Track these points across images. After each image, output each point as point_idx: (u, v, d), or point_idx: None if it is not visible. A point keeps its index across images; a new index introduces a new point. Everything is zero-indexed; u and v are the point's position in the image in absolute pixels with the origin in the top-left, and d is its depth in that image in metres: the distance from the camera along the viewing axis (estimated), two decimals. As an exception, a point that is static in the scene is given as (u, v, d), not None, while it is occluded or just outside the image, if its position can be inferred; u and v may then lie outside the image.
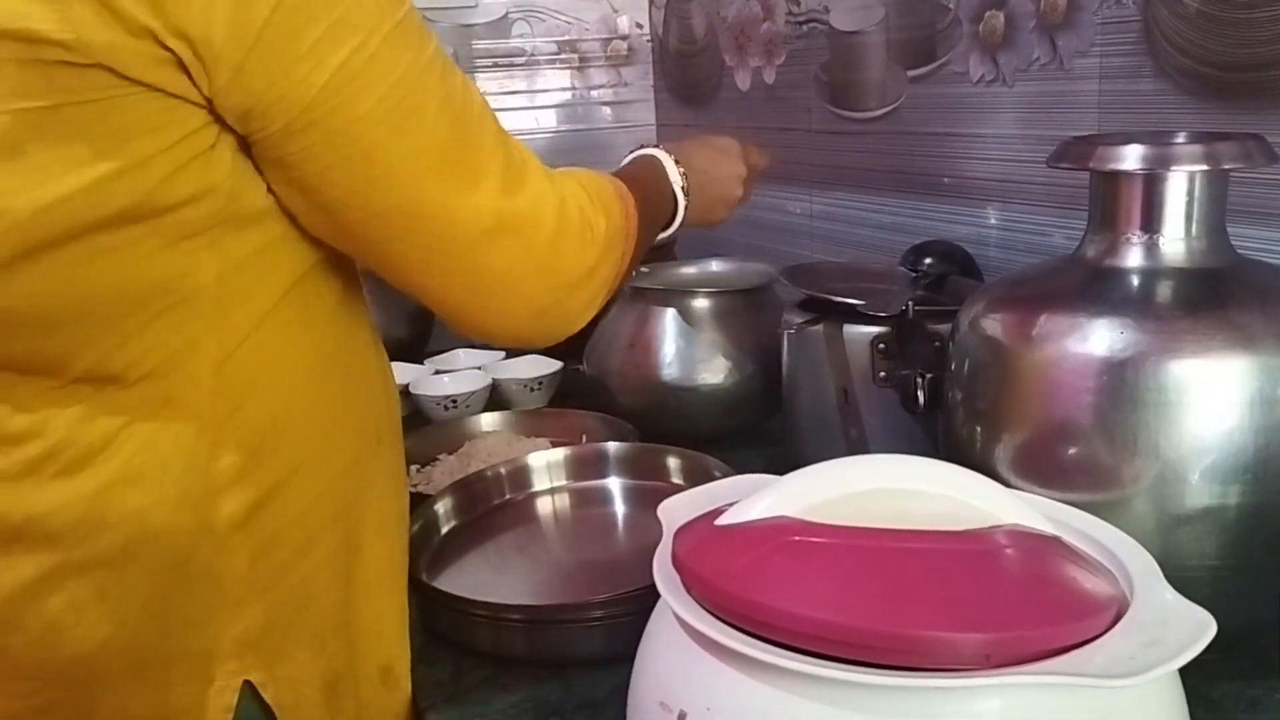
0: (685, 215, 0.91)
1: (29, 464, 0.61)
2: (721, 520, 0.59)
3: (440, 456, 1.16)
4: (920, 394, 0.81)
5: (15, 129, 0.53)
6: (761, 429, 1.21)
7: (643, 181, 0.85)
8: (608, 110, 1.89)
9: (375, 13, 0.59)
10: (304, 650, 0.68)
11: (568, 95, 1.86)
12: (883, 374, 0.95)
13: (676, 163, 0.91)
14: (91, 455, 0.61)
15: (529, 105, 1.85)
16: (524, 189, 0.67)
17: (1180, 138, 0.72)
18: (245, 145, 0.60)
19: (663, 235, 0.91)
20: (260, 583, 0.65)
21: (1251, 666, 0.71)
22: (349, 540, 0.71)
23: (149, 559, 0.62)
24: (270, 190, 0.62)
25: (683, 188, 0.90)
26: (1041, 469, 0.70)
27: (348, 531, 0.71)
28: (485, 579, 0.88)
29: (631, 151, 0.94)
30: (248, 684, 0.66)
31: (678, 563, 0.57)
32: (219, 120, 0.58)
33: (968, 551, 0.54)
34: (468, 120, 0.65)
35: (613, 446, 1.05)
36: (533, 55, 1.82)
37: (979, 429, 0.75)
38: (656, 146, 0.92)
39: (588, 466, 1.04)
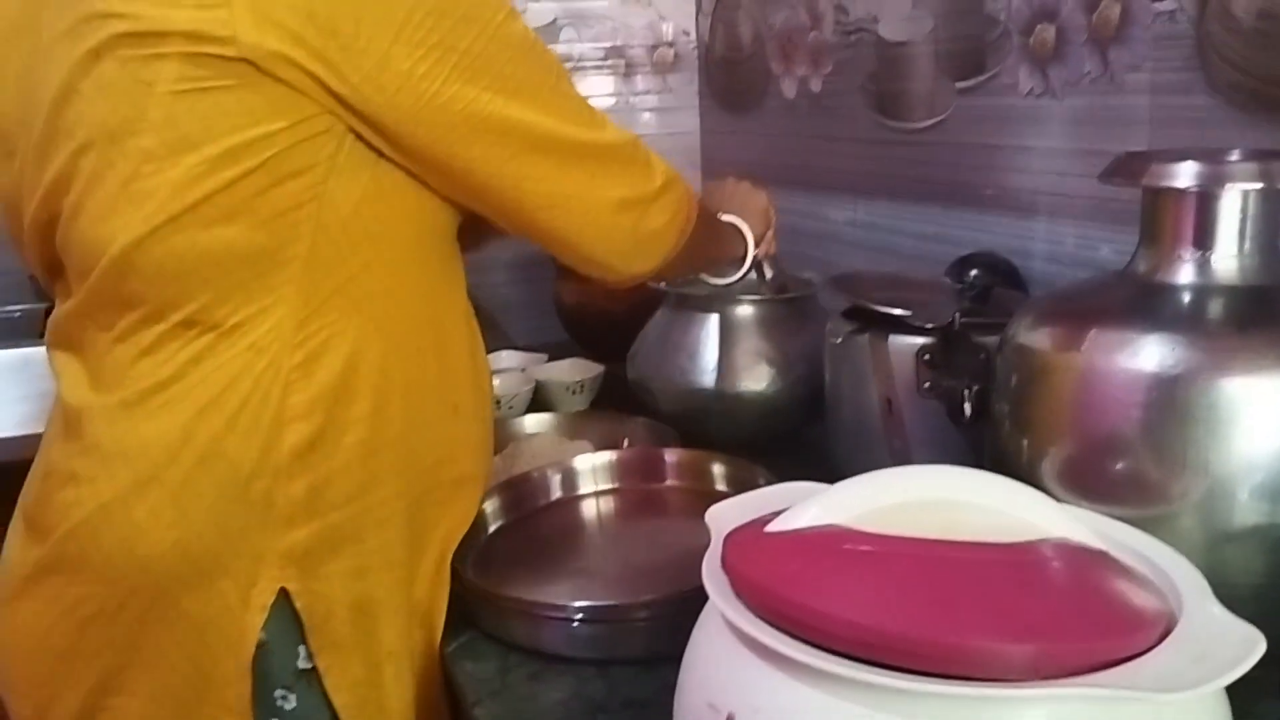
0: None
1: (142, 394, 0.74)
2: (771, 527, 0.60)
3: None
4: (967, 405, 0.82)
5: (174, 106, 0.68)
6: (802, 437, 1.22)
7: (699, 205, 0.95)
8: (652, 116, 1.90)
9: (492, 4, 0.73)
10: (342, 575, 0.77)
11: (612, 101, 1.87)
12: (927, 384, 0.95)
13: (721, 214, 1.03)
14: (190, 388, 0.73)
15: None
16: (606, 128, 0.80)
17: (1234, 155, 0.72)
18: (357, 133, 0.72)
19: (743, 271, 1.08)
20: (314, 509, 0.75)
21: (1297, 685, 0.71)
22: (412, 491, 0.80)
23: (218, 475, 0.74)
24: (390, 165, 0.75)
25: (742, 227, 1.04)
26: (1088, 483, 0.70)
27: (411, 484, 0.80)
28: (531, 578, 0.89)
29: None
30: (283, 590, 0.75)
31: (727, 567, 0.58)
32: (345, 106, 0.70)
33: (1016, 563, 0.55)
34: (560, 83, 0.78)
35: (658, 451, 1.06)
36: (579, 61, 1.84)
37: (1025, 441, 0.75)
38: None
39: (633, 470, 1.05)
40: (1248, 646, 0.49)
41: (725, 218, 1.03)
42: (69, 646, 0.77)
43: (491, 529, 0.97)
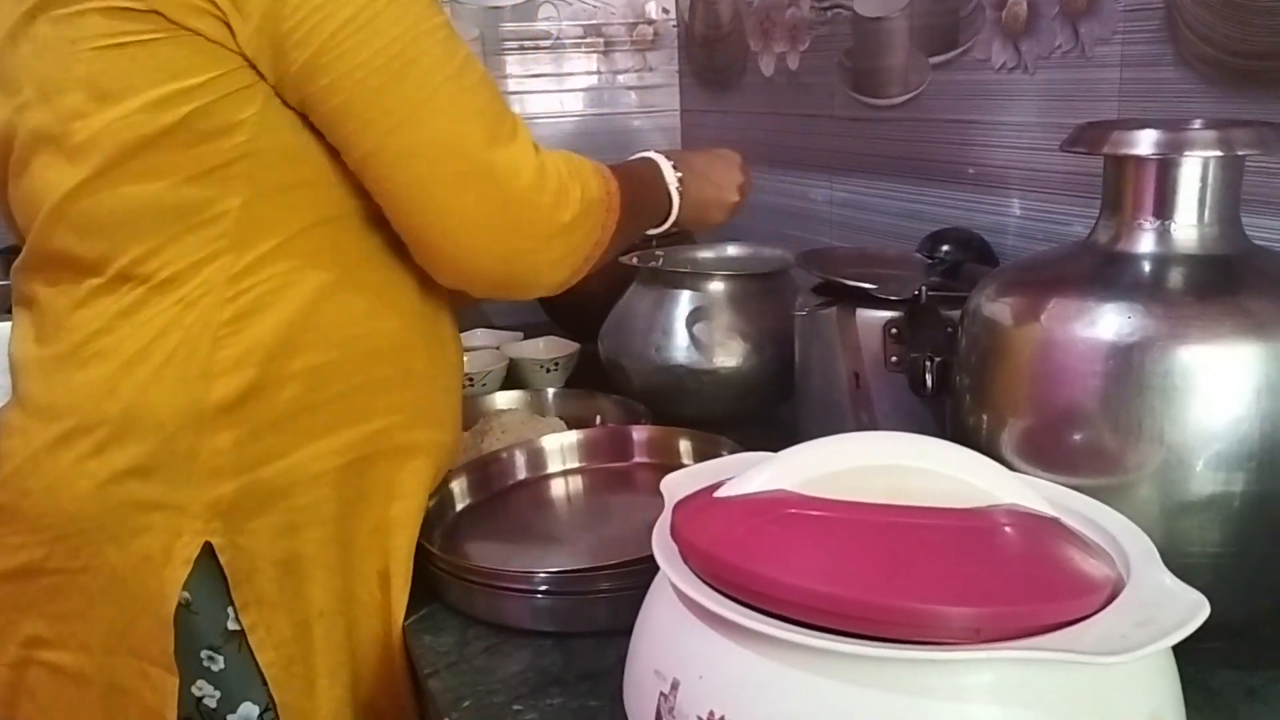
0: (679, 213, 0.98)
1: (74, 346, 0.75)
2: (720, 493, 0.60)
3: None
4: (928, 377, 0.81)
5: (96, 62, 0.70)
6: (776, 414, 1.21)
7: (634, 175, 0.93)
8: (633, 95, 1.89)
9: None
10: (269, 531, 0.77)
11: (593, 79, 1.86)
12: (894, 358, 0.95)
13: (674, 166, 0.98)
14: (119, 341, 0.74)
15: (554, 89, 1.85)
16: (508, 147, 0.76)
17: (1195, 123, 0.71)
18: (279, 92, 0.72)
19: (656, 230, 0.99)
20: (242, 463, 0.75)
21: (1252, 656, 0.71)
22: (352, 451, 0.79)
23: (143, 426, 0.74)
24: (312, 133, 0.74)
25: (677, 188, 0.97)
26: (1046, 453, 0.70)
27: (352, 444, 0.79)
28: (496, 553, 0.88)
29: (634, 156, 1.01)
30: (207, 544, 0.75)
31: (675, 533, 0.58)
32: (254, 66, 0.71)
33: (964, 528, 0.54)
34: (462, 81, 0.75)
35: (626, 429, 1.06)
36: (558, 39, 1.83)
37: (985, 413, 0.75)
38: (656, 151, 1.00)
39: (601, 449, 1.05)
40: (1192, 611, 0.48)
41: (669, 176, 0.97)
42: (2, 598, 0.78)
43: (459, 508, 0.96)
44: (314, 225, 0.77)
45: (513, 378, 1.39)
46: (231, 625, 0.77)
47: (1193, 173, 0.68)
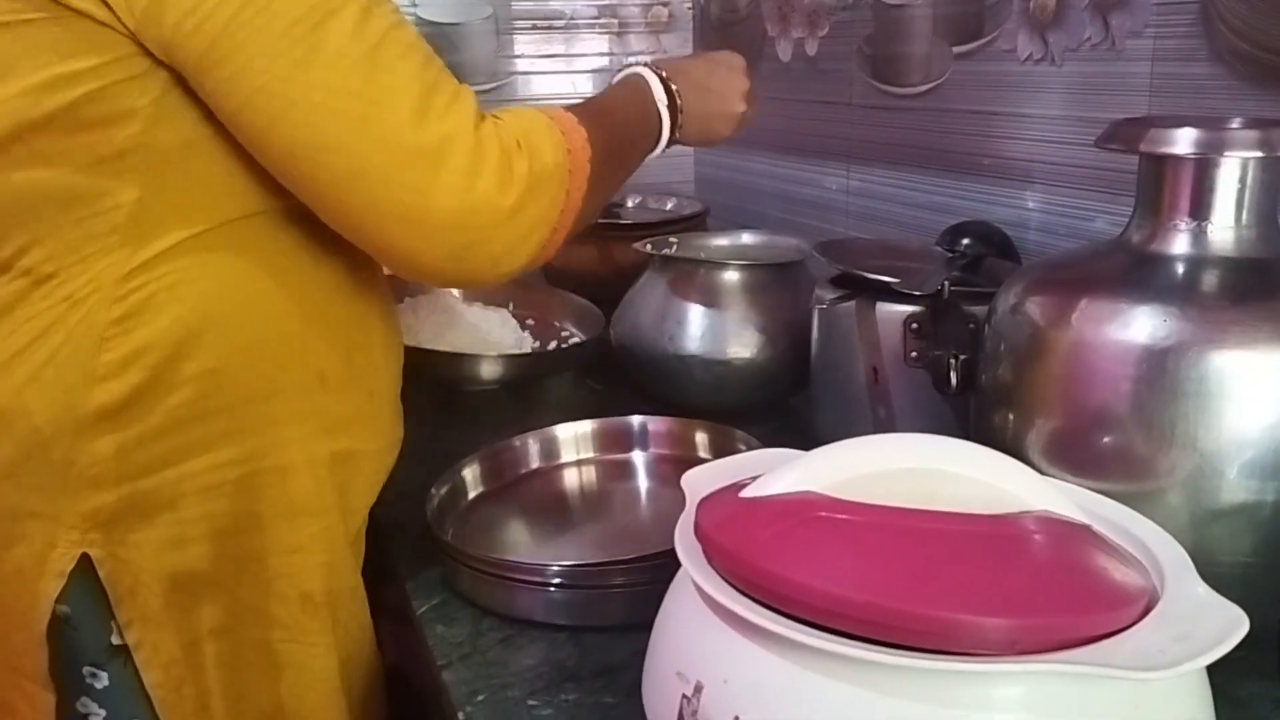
0: (680, 133, 0.90)
1: None
2: (746, 493, 0.59)
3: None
4: (953, 375, 0.80)
5: None
6: (789, 405, 1.20)
7: (612, 110, 0.85)
8: (646, 78, 1.87)
9: None
10: (155, 544, 0.72)
11: (605, 61, 1.84)
12: (914, 354, 0.93)
13: (664, 80, 0.89)
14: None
15: (566, 70, 1.83)
16: (438, 127, 0.68)
17: (1235, 123, 0.70)
18: (181, 81, 0.66)
19: (652, 155, 0.91)
20: (124, 471, 0.70)
21: (1280, 666, 0.70)
22: (255, 461, 0.74)
23: (18, 430, 0.70)
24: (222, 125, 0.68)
25: (668, 105, 0.89)
26: (1075, 456, 0.69)
27: (254, 453, 0.74)
28: (510, 543, 0.88)
29: (619, 71, 0.93)
30: (85, 556, 0.71)
31: (700, 533, 0.57)
32: (149, 53, 0.65)
33: (997, 535, 0.53)
34: (378, 60, 0.66)
35: (641, 420, 1.05)
36: (572, 19, 1.80)
37: (1012, 413, 0.73)
38: (645, 65, 0.91)
39: (616, 439, 1.04)
40: (1230, 626, 0.47)
41: (659, 93, 0.89)
42: None
43: (471, 495, 0.95)
44: (221, 223, 0.71)
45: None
46: (115, 640, 0.73)
47: (1231, 173, 0.67)
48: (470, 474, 0.95)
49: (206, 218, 0.70)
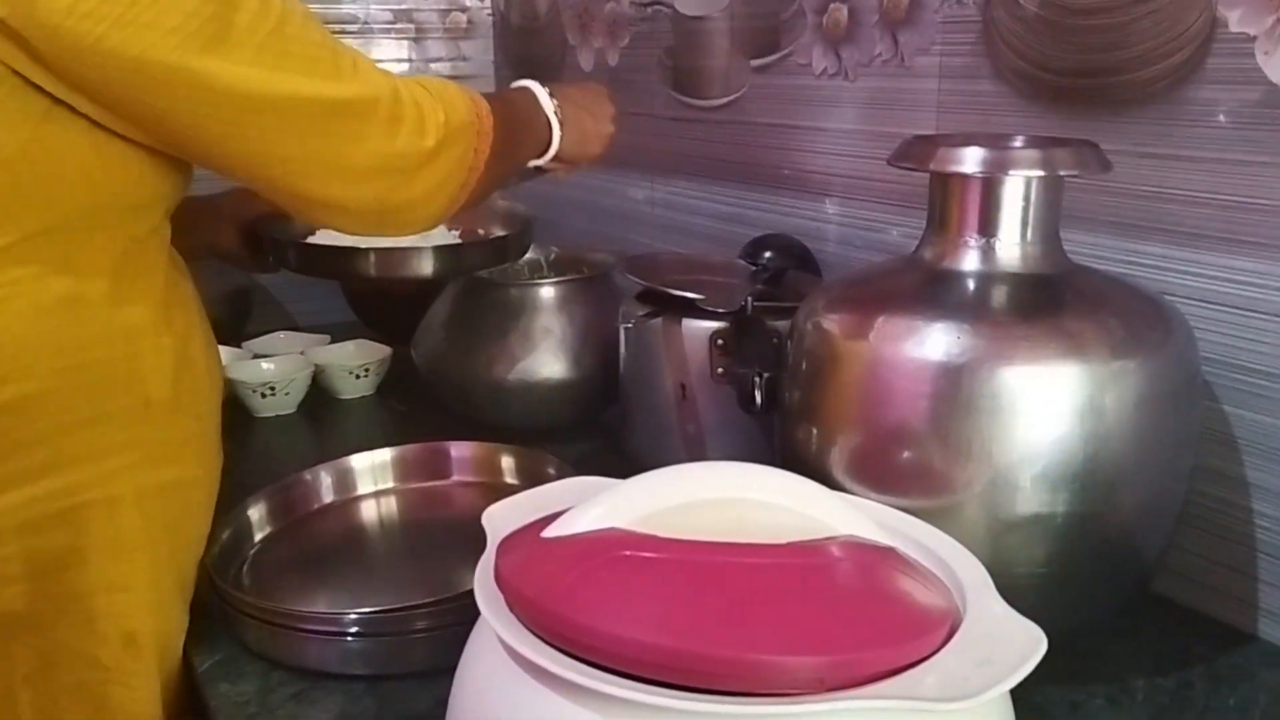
0: (562, 145, 0.93)
1: None
2: (549, 531, 0.56)
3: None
4: (757, 393, 0.79)
5: None
6: (601, 421, 1.18)
7: (510, 101, 0.89)
8: (447, 85, 1.81)
9: None
10: None
11: (404, 68, 1.78)
12: (720, 370, 0.93)
13: (550, 94, 0.93)
14: None
15: (363, 76, 1.76)
16: (354, 79, 0.70)
17: (1018, 142, 0.72)
18: (22, 75, 0.62)
19: (540, 161, 0.94)
20: None
21: (1074, 672, 0.72)
22: (72, 495, 0.69)
23: None
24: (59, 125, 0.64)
25: (556, 113, 0.92)
26: (876, 473, 0.69)
27: (77, 486, 0.70)
28: (301, 589, 0.81)
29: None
30: None
31: (500, 578, 0.53)
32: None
33: (803, 566, 0.52)
34: (285, 27, 0.67)
35: (444, 446, 1.00)
36: (366, 23, 1.73)
37: (815, 431, 0.73)
38: (530, 80, 0.94)
39: (417, 467, 0.99)
40: (1030, 648, 0.48)
41: (545, 103, 0.92)
42: None
43: (258, 538, 0.88)
44: (40, 232, 0.66)
45: (318, 385, 1.31)
46: None
47: (1016, 191, 0.68)
48: (256, 513, 0.88)
49: (19, 227, 0.65)
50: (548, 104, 0.92)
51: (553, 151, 0.93)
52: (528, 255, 1.27)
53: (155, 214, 0.74)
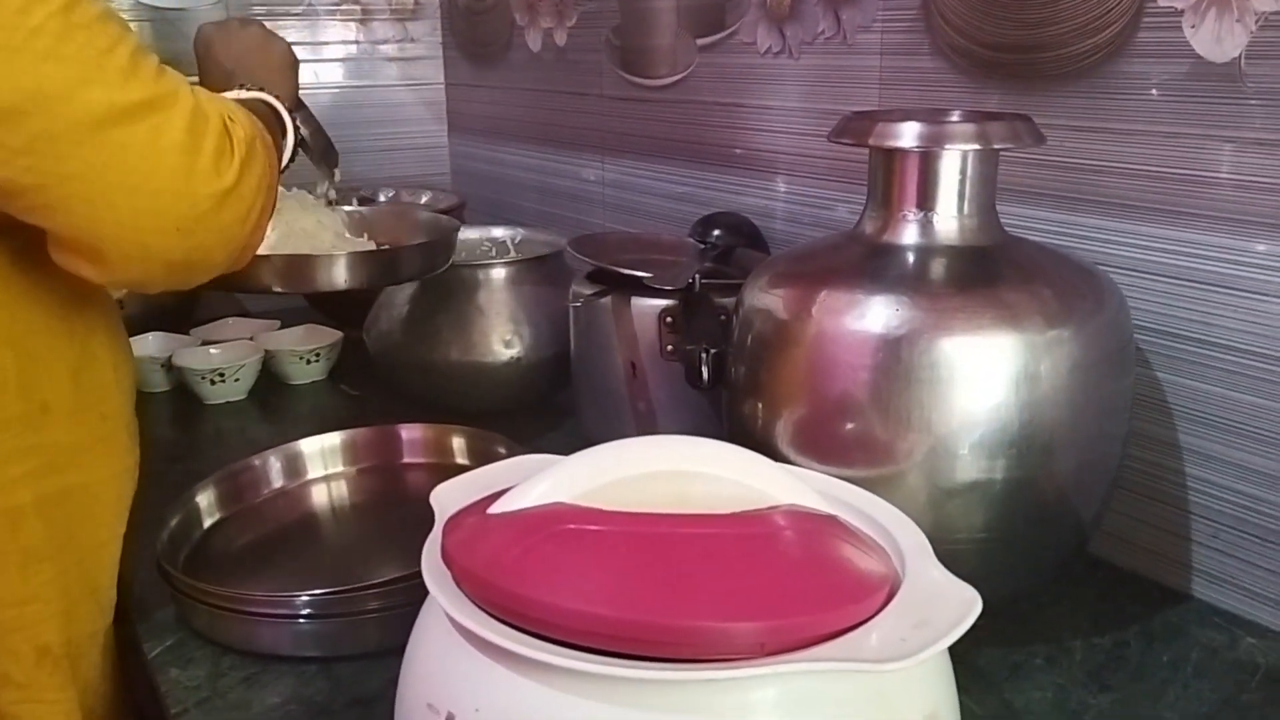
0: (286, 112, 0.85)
1: None
2: (495, 508, 0.56)
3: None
4: (704, 369, 0.80)
5: None
6: (554, 402, 1.18)
7: (244, 103, 0.78)
8: (394, 67, 1.80)
9: None
10: None
11: (351, 49, 1.76)
12: (670, 347, 0.94)
13: (242, 86, 0.83)
14: None
15: (309, 58, 1.73)
16: (150, 85, 0.61)
17: (954, 116, 0.73)
18: None
19: (283, 161, 0.85)
20: None
21: (1014, 634, 0.74)
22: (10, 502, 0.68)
23: None
24: None
25: (260, 89, 0.84)
26: (821, 445, 0.70)
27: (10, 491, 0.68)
28: (252, 574, 0.81)
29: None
30: None
31: (447, 555, 0.54)
32: None
33: (745, 535, 0.53)
34: (71, 19, 0.58)
35: (395, 429, 1.00)
36: (311, 5, 1.71)
37: (760, 405, 0.74)
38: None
39: (368, 450, 0.99)
40: (965, 609, 0.49)
41: (244, 95, 0.82)
42: None
43: (207, 524, 0.88)
44: None
45: (269, 371, 1.30)
46: None
47: (953, 165, 0.70)
48: (205, 500, 0.88)
49: None
50: (255, 93, 0.83)
51: (292, 140, 0.86)
52: (495, 235, 1.27)
53: (27, 227, 0.65)
